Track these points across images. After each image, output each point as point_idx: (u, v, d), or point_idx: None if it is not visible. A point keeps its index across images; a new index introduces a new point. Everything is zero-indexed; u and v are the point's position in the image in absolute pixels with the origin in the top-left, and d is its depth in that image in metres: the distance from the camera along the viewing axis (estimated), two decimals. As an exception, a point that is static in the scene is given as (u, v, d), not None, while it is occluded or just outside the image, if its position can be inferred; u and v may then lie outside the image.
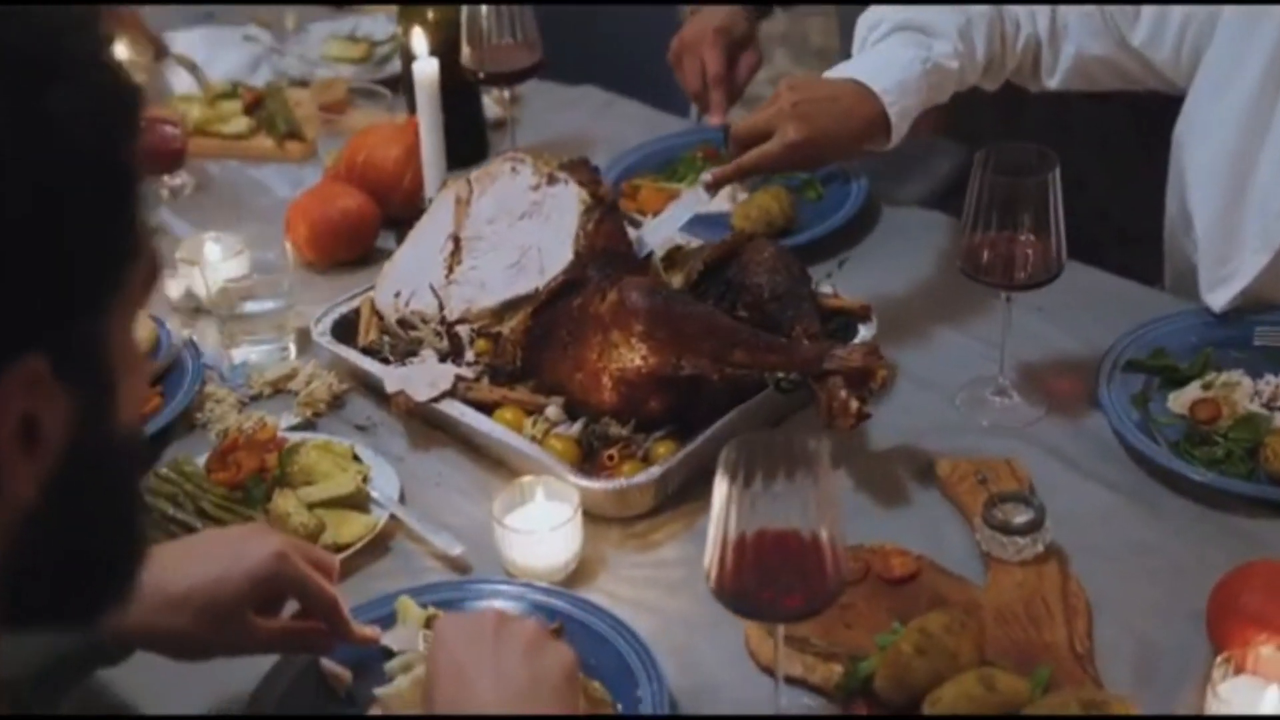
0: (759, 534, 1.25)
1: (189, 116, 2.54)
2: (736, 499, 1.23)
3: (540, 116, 2.60)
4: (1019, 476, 1.66)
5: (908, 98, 1.83)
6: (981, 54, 1.90)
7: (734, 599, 1.27)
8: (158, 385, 1.92)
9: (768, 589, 1.27)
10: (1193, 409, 1.73)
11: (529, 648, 1.22)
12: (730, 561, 1.25)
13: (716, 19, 2.37)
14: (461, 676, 1.19)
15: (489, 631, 1.22)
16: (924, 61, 1.84)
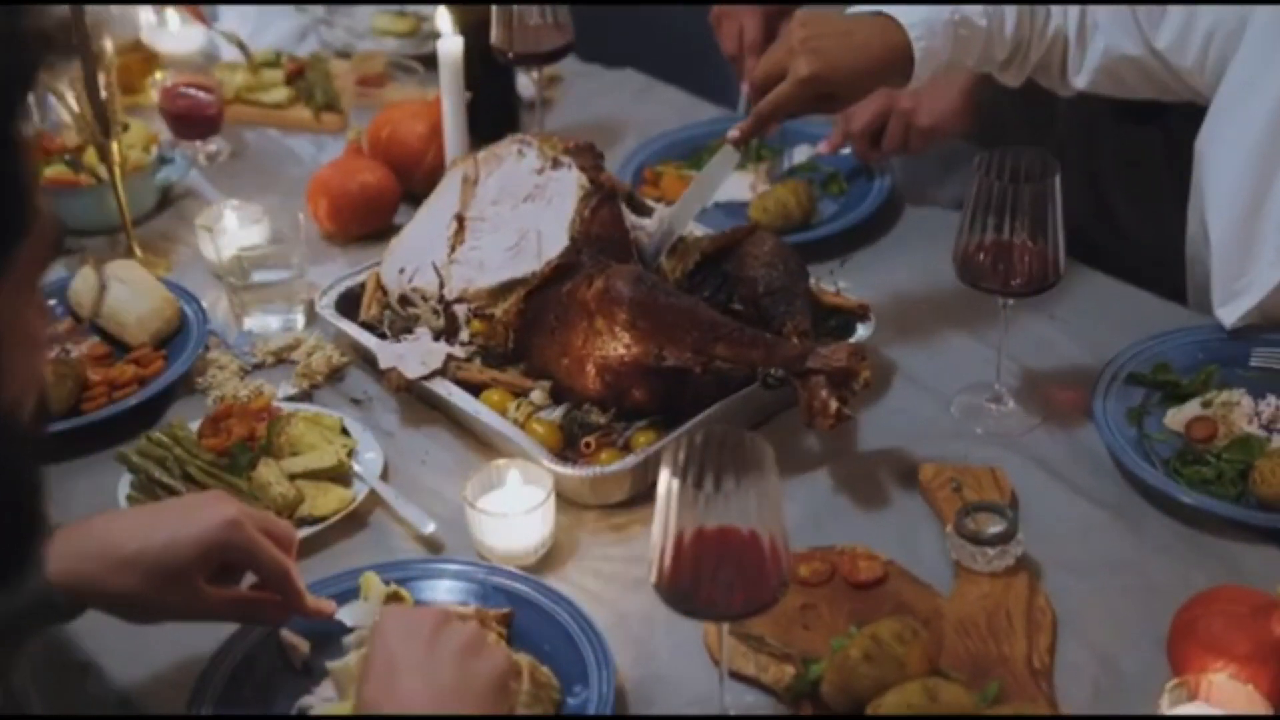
0: (703, 532, 1.24)
1: (231, 84, 2.57)
2: (681, 496, 1.22)
3: (578, 98, 2.60)
4: (1001, 486, 1.64)
5: (935, 39, 1.75)
6: (1010, 28, 1.82)
7: (676, 596, 1.27)
8: (162, 349, 1.94)
9: (710, 587, 1.27)
10: (1189, 427, 1.69)
11: (463, 650, 1.22)
12: (673, 559, 1.24)
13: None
14: (392, 670, 1.20)
15: (427, 629, 1.23)
16: (952, 11, 1.77)
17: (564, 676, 1.43)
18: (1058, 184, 1.63)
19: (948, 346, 1.90)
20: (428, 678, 1.19)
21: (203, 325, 1.97)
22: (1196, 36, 1.81)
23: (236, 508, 1.37)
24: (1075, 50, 1.89)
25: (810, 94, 1.73)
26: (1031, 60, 1.89)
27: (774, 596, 1.28)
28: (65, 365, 1.86)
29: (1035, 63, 1.90)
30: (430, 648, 1.21)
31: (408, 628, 1.23)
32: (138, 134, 2.34)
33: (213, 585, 1.39)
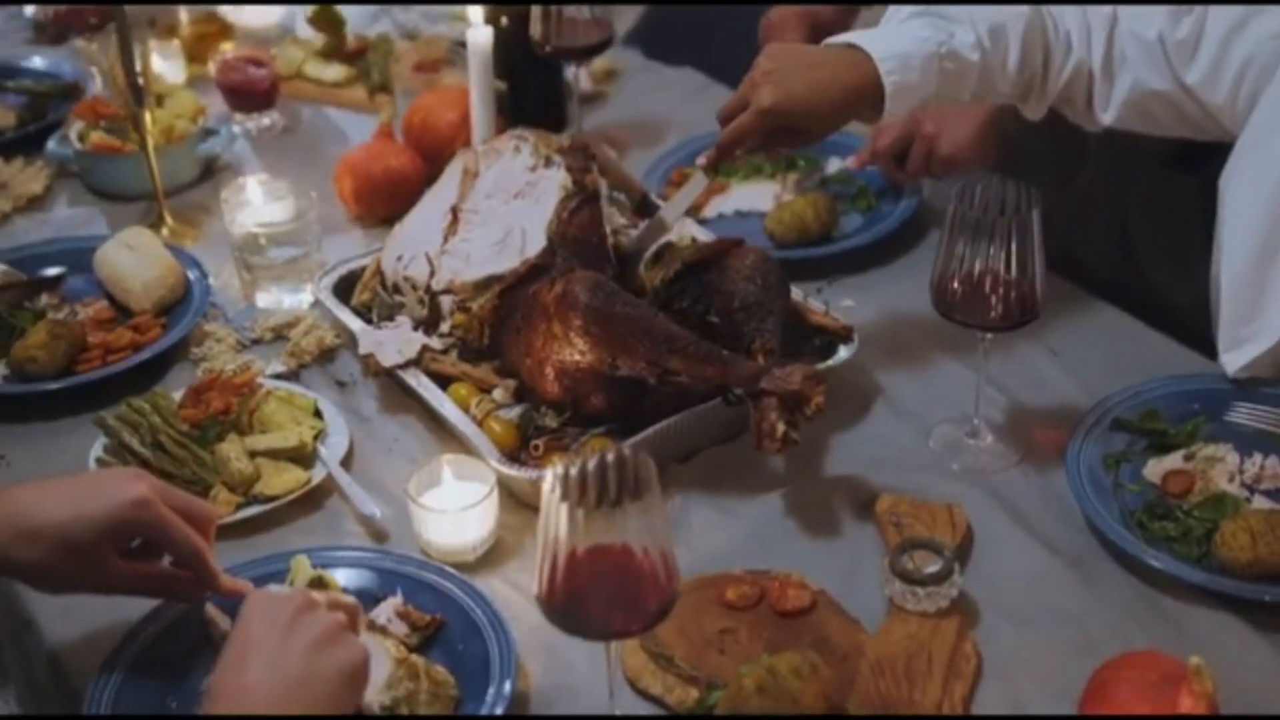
0: (587, 550, 1.22)
1: (291, 60, 2.61)
2: (568, 514, 1.20)
3: (631, 93, 2.60)
4: (956, 524, 1.59)
5: (910, 74, 1.71)
6: (1014, 61, 1.77)
7: (559, 614, 1.25)
8: (161, 317, 1.98)
9: (592, 605, 1.25)
10: (1165, 479, 1.63)
11: (317, 641, 1.22)
12: (558, 577, 1.23)
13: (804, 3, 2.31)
14: (244, 652, 1.21)
15: (286, 615, 1.23)
16: (939, 45, 1.72)
17: (470, 677, 1.43)
18: (1037, 217, 1.57)
19: (938, 375, 1.85)
20: (275, 667, 1.19)
21: (204, 296, 2.00)
22: (1228, 72, 1.73)
23: (148, 486, 1.39)
24: (1102, 84, 1.82)
25: (770, 125, 1.71)
26: (1050, 94, 1.83)
27: (655, 617, 1.26)
28: (61, 326, 1.91)
29: (1056, 96, 1.83)
30: (284, 636, 1.21)
31: (268, 614, 1.23)
32: (186, 104, 2.39)
33: (132, 560, 1.42)
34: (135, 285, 2.00)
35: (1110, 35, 1.80)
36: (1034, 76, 1.81)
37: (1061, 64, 1.80)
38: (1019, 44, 1.76)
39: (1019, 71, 1.78)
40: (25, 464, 1.78)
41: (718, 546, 1.61)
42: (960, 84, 1.76)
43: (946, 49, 1.72)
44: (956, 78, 1.74)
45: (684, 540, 1.62)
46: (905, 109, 1.74)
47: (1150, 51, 1.78)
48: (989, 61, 1.75)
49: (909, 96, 1.72)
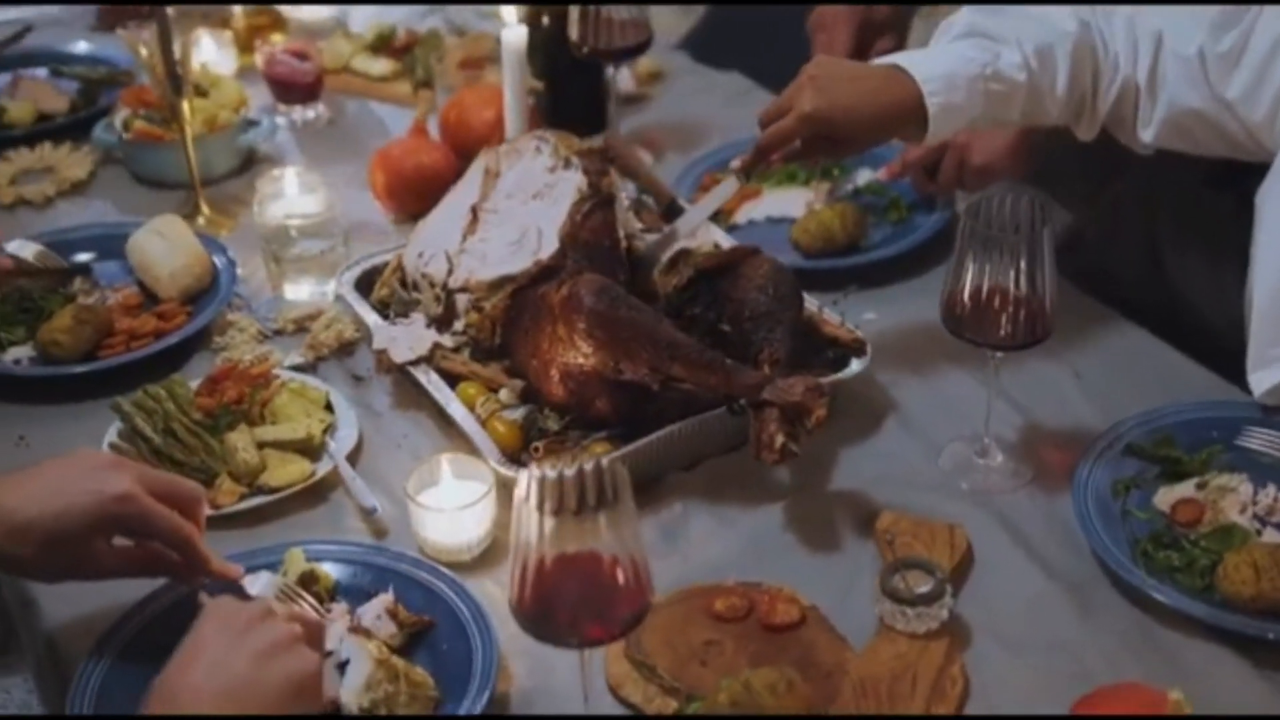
0: (561, 558, 1.22)
1: (342, 53, 2.63)
2: (541, 522, 1.20)
3: (675, 96, 2.59)
4: (955, 545, 1.56)
5: (955, 94, 1.70)
6: (1064, 84, 1.75)
7: (531, 621, 1.25)
8: (187, 305, 2.00)
9: (565, 613, 1.24)
10: (1175, 508, 1.59)
11: (267, 650, 1.21)
12: (530, 584, 1.22)
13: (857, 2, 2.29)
14: (193, 654, 1.21)
15: (240, 622, 1.23)
16: (984, 66, 1.71)
17: (452, 678, 1.43)
18: (1048, 234, 1.54)
19: (954, 392, 1.82)
20: (220, 670, 1.19)
21: (230, 286, 2.02)
22: (1270, 88, 1.69)
23: (132, 478, 1.40)
24: (1145, 102, 1.79)
25: (810, 131, 1.71)
26: (1100, 114, 1.80)
27: (627, 626, 1.25)
28: (88, 311, 1.94)
29: (1106, 115, 1.80)
30: (234, 642, 1.21)
31: (223, 619, 1.23)
32: (230, 95, 2.41)
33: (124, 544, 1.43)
34: (163, 273, 2.02)
35: (1156, 53, 1.76)
36: (1084, 97, 1.78)
37: (1110, 83, 1.78)
38: (1068, 64, 1.74)
39: (1068, 93, 1.76)
40: (43, 445, 1.80)
41: (713, 556, 1.60)
42: (1007, 105, 1.74)
43: (992, 70, 1.71)
44: (1003, 99, 1.73)
45: (680, 549, 1.61)
46: (950, 130, 1.74)
47: (1189, 68, 1.74)
48: (1036, 83, 1.74)
49: (953, 118, 1.71)
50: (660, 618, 1.50)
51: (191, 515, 1.45)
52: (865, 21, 2.27)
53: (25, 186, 2.36)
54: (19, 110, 2.53)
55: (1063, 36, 1.76)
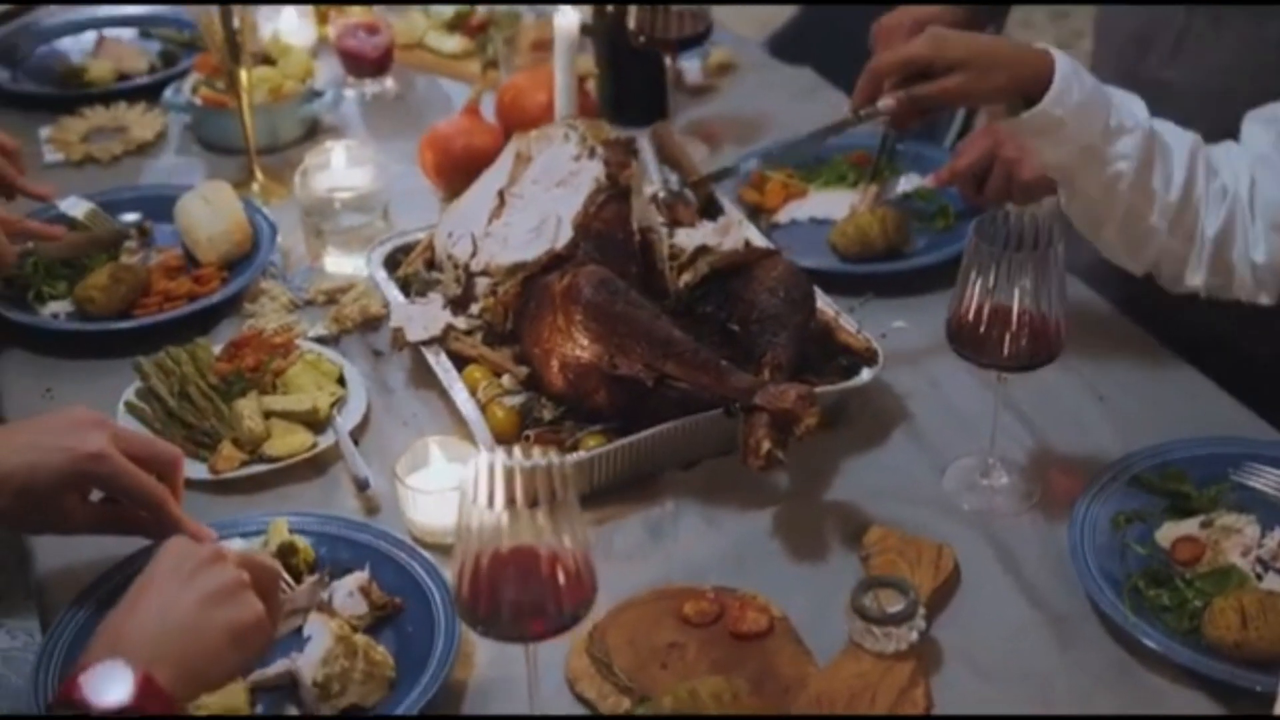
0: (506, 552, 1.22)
1: (417, 28, 2.65)
2: (485, 515, 1.20)
3: (742, 89, 2.57)
4: (941, 566, 1.53)
5: (1079, 94, 1.66)
6: (1180, 176, 1.71)
7: (473, 615, 1.25)
8: (225, 271, 2.03)
9: (507, 608, 1.24)
10: (1175, 545, 1.54)
11: (212, 595, 1.22)
12: (473, 578, 1.22)
13: (923, 12, 2.24)
14: (141, 593, 1.22)
15: (190, 565, 1.24)
16: (1105, 124, 1.67)
17: (412, 661, 1.43)
18: (1059, 252, 1.50)
19: (972, 408, 1.77)
20: (164, 611, 1.20)
21: (267, 255, 2.05)
22: None
23: (107, 437, 1.43)
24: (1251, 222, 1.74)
25: (927, 56, 1.67)
26: (1205, 229, 1.73)
27: (568, 622, 1.24)
28: (125, 270, 1.98)
29: (1213, 232, 1.73)
30: (182, 584, 1.22)
31: (178, 558, 1.24)
32: (297, 65, 2.44)
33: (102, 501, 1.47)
34: (202, 237, 2.05)
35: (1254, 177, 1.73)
36: (1196, 199, 1.72)
37: (1219, 198, 1.73)
38: (1186, 157, 1.71)
39: (1183, 190, 1.71)
40: (67, 398, 1.84)
41: (697, 558, 1.58)
42: (1087, 173, 1.70)
43: (1117, 122, 1.69)
44: (1089, 166, 1.69)
45: (665, 548, 1.60)
46: (1049, 128, 1.66)
47: None
48: (1150, 158, 1.70)
49: (1065, 119, 1.65)
50: (629, 615, 1.49)
51: (168, 478, 1.48)
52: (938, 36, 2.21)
53: (95, 144, 2.42)
54: (99, 69, 2.59)
55: (1185, 138, 1.73)
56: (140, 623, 1.20)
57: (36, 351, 1.93)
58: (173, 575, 1.24)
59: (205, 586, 1.23)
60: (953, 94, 1.69)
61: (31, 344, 1.94)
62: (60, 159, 2.39)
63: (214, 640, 1.21)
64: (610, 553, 1.60)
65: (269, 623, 1.26)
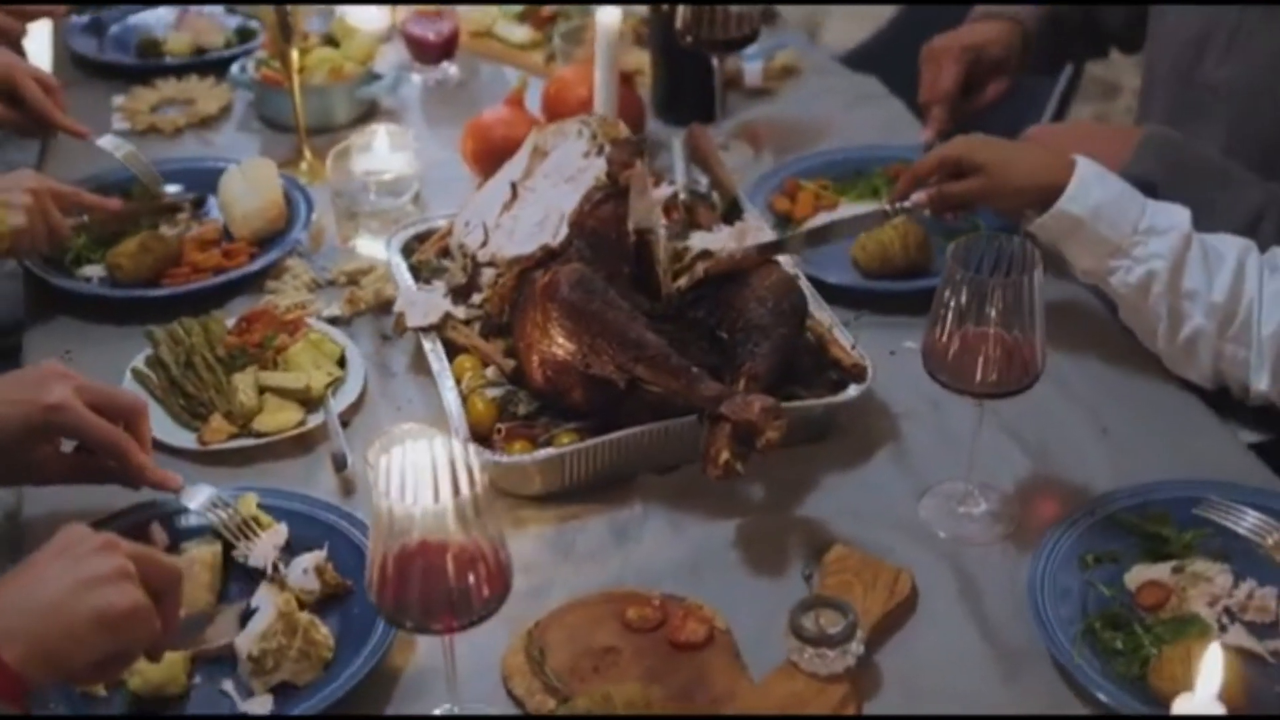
0: (418, 547, 1.23)
1: (487, 17, 2.67)
2: (397, 509, 1.21)
3: (802, 93, 2.55)
4: (895, 591, 1.50)
5: (1107, 186, 1.72)
6: (1226, 280, 1.69)
7: (386, 608, 1.26)
8: (255, 247, 2.08)
9: (418, 601, 1.25)
10: (1141, 589, 1.49)
11: (88, 580, 1.21)
12: (385, 571, 1.24)
13: (973, 35, 2.21)
14: (24, 568, 1.23)
15: (79, 549, 1.23)
16: (1134, 226, 1.70)
17: (352, 644, 1.45)
18: (1037, 278, 1.46)
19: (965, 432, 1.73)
20: (37, 588, 1.20)
21: (296, 234, 2.08)
22: None
23: (71, 389, 1.48)
24: None
25: (957, 153, 1.79)
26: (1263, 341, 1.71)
27: (479, 617, 1.26)
28: (156, 240, 2.03)
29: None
30: (64, 565, 1.22)
31: (66, 543, 1.24)
32: (359, 48, 2.48)
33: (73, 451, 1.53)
34: (237, 213, 2.10)
35: None
36: (1250, 305, 1.70)
37: None
38: (1234, 260, 1.69)
39: (1229, 293, 1.69)
40: (85, 361, 1.89)
41: (654, 563, 1.58)
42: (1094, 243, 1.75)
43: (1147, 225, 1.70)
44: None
45: (626, 551, 1.60)
46: (1077, 209, 1.72)
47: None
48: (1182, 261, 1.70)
49: (1086, 200, 1.72)
50: (573, 616, 1.49)
51: (133, 427, 1.53)
52: (975, 60, 2.17)
53: (161, 115, 2.48)
54: (176, 42, 2.66)
55: (1235, 242, 1.72)
56: (13, 597, 1.20)
57: (64, 313, 2.00)
58: (57, 556, 1.23)
59: (83, 571, 1.21)
60: (975, 194, 1.81)
61: (61, 305, 2.01)
62: (126, 127, 2.46)
63: (77, 623, 1.19)
64: (570, 552, 1.60)
65: (150, 616, 1.23)
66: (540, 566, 1.58)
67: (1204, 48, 1.99)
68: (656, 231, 1.76)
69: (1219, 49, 1.97)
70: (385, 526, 1.22)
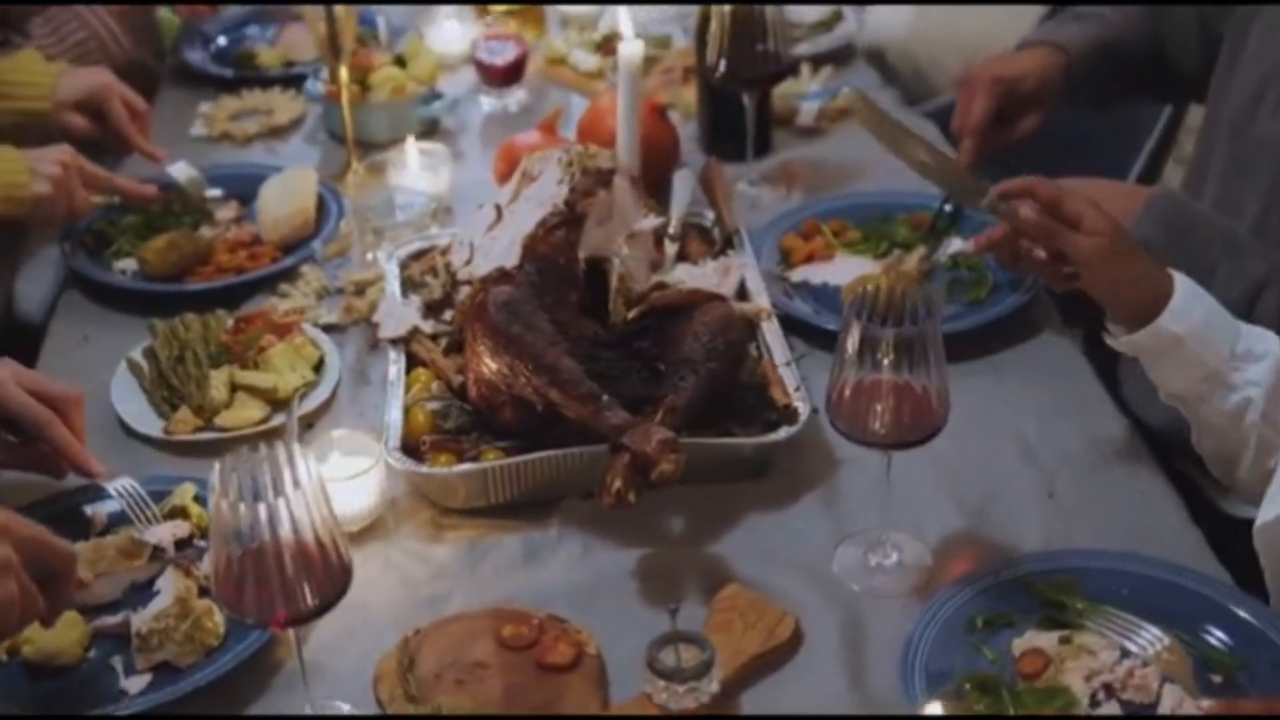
0: (255, 545, 1.29)
1: (566, 44, 2.74)
2: (230, 509, 1.27)
3: (850, 135, 2.51)
4: (775, 633, 1.50)
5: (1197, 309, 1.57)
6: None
7: (228, 602, 1.33)
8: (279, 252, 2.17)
9: (254, 595, 1.31)
10: (1023, 656, 1.46)
11: None
12: (227, 568, 1.30)
13: (1008, 66, 2.16)
14: None
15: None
16: (1231, 350, 1.56)
17: (242, 634, 1.51)
18: (934, 328, 1.44)
19: (903, 482, 1.68)
20: None
21: (315, 242, 2.17)
22: None
23: (6, 373, 1.58)
24: None
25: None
26: None
27: (314, 612, 1.32)
28: (185, 239, 2.15)
29: None
30: None
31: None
32: (424, 68, 2.57)
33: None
34: (268, 218, 2.20)
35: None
36: None
37: None
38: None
39: None
40: (100, 346, 2.02)
41: (555, 585, 1.60)
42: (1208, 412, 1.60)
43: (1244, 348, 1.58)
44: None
45: (532, 570, 1.63)
46: (1179, 328, 1.57)
47: None
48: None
49: (1189, 319, 1.57)
50: (455, 627, 1.53)
51: (66, 415, 1.63)
52: (1009, 92, 2.13)
53: (238, 124, 2.62)
54: (268, 55, 2.80)
55: None
56: None
57: (92, 299, 2.13)
58: None
59: None
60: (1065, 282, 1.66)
61: (89, 292, 2.14)
62: (203, 132, 2.60)
63: None
64: (479, 566, 1.64)
65: (29, 604, 1.29)
66: (447, 576, 1.62)
67: (1259, 102, 1.92)
68: (613, 260, 1.79)
69: (1271, 104, 1.89)
70: (222, 526, 1.28)
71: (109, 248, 2.20)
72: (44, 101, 2.22)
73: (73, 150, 2.08)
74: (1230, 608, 1.49)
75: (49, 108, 2.23)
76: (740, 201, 2.30)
